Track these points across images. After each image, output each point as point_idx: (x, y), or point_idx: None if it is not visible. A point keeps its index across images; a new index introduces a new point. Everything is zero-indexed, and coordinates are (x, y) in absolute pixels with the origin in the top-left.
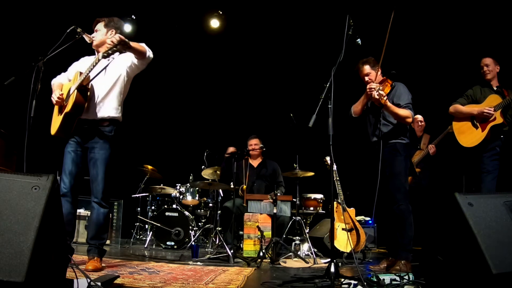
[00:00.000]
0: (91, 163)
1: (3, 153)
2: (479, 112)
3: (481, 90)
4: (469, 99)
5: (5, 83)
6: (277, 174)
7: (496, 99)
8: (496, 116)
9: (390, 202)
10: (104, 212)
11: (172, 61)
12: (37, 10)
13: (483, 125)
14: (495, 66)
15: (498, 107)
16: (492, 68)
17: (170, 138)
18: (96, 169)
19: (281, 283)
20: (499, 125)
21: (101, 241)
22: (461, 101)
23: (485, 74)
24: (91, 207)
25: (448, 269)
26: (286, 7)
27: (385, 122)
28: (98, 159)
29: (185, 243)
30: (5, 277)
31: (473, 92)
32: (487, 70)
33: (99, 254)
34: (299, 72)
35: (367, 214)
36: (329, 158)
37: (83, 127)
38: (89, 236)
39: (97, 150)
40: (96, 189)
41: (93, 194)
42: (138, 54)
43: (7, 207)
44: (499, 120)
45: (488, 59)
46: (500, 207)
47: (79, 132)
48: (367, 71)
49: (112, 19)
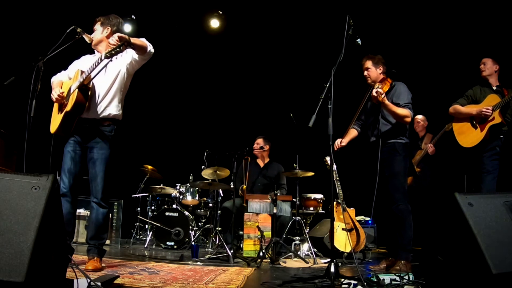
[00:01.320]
0: (90, 163)
1: (3, 153)
2: (477, 112)
3: (481, 90)
4: (469, 99)
5: (5, 83)
6: (280, 176)
7: (494, 99)
8: (495, 116)
9: (389, 202)
10: (103, 212)
11: (172, 61)
12: (37, 10)
13: (482, 125)
14: (493, 65)
15: (496, 106)
16: (489, 66)
17: (170, 138)
18: (96, 169)
19: (281, 283)
20: (498, 124)
21: (101, 241)
22: (461, 101)
23: (481, 71)
24: (91, 207)
25: (448, 269)
26: (286, 7)
27: (384, 122)
28: (98, 159)
29: (185, 243)
30: (5, 277)
31: (473, 92)
32: (484, 68)
33: (98, 254)
34: (299, 72)
35: (367, 214)
36: (329, 158)
37: (84, 126)
38: (88, 236)
39: (97, 150)
40: (95, 189)
41: (92, 194)
42: (140, 50)
43: (7, 207)
44: (498, 120)
45: (485, 59)
46: (500, 207)
47: (79, 131)
48: (367, 66)
49: (108, 17)
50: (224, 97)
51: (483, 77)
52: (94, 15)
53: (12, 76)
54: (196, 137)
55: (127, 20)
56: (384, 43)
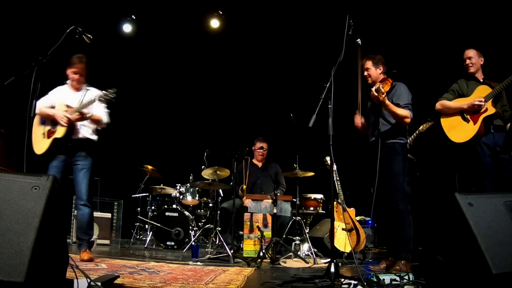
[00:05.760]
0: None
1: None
2: (469, 105)
3: (467, 83)
4: (455, 94)
5: (5, 83)
6: (279, 175)
7: (485, 90)
8: (488, 107)
9: (388, 202)
10: (89, 212)
11: (172, 61)
12: (37, 10)
13: (474, 118)
14: (479, 58)
15: (488, 97)
16: (475, 61)
17: (170, 138)
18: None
19: (281, 283)
20: (491, 115)
21: (89, 236)
22: (448, 96)
23: (468, 67)
24: (77, 208)
25: (448, 269)
26: (286, 7)
27: (384, 122)
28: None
29: (185, 243)
30: (5, 277)
31: (458, 86)
32: (470, 63)
33: (88, 247)
34: (299, 72)
35: (367, 214)
36: (329, 158)
37: (67, 145)
38: (79, 233)
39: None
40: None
41: (78, 198)
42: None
43: (7, 207)
44: (491, 111)
45: (471, 51)
46: (500, 207)
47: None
48: (367, 66)
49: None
50: (224, 97)
51: (470, 74)
52: (94, 15)
53: (12, 76)
54: (196, 137)
55: (127, 20)
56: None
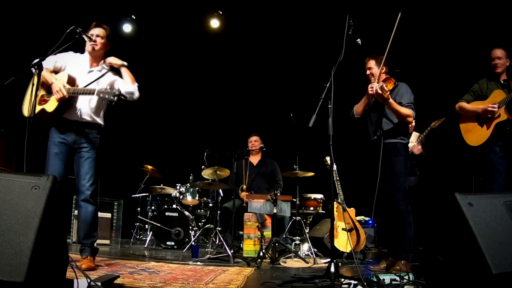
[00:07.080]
0: (79, 163)
1: (3, 153)
2: (483, 110)
3: (487, 84)
4: (475, 95)
5: (5, 83)
6: (275, 173)
7: (500, 95)
8: (501, 113)
9: (389, 202)
10: (93, 210)
11: (172, 61)
12: (36, 10)
13: (488, 123)
14: (507, 60)
15: (502, 103)
16: (504, 62)
17: (170, 138)
18: (84, 168)
19: (281, 283)
20: (503, 122)
21: (93, 239)
22: (467, 97)
23: (496, 67)
24: (79, 206)
25: (448, 269)
26: (286, 7)
27: (387, 121)
28: (87, 159)
29: (185, 243)
30: (5, 277)
31: (479, 87)
32: (499, 63)
33: (91, 253)
34: (299, 72)
35: (367, 214)
36: (329, 158)
37: (73, 128)
38: (80, 236)
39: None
40: (83, 187)
41: (80, 193)
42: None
43: (7, 207)
44: (504, 117)
45: (499, 51)
46: (500, 207)
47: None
48: (370, 65)
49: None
50: (224, 97)
51: (496, 73)
52: (94, 15)
53: (12, 76)
54: (196, 137)
55: (127, 20)
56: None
